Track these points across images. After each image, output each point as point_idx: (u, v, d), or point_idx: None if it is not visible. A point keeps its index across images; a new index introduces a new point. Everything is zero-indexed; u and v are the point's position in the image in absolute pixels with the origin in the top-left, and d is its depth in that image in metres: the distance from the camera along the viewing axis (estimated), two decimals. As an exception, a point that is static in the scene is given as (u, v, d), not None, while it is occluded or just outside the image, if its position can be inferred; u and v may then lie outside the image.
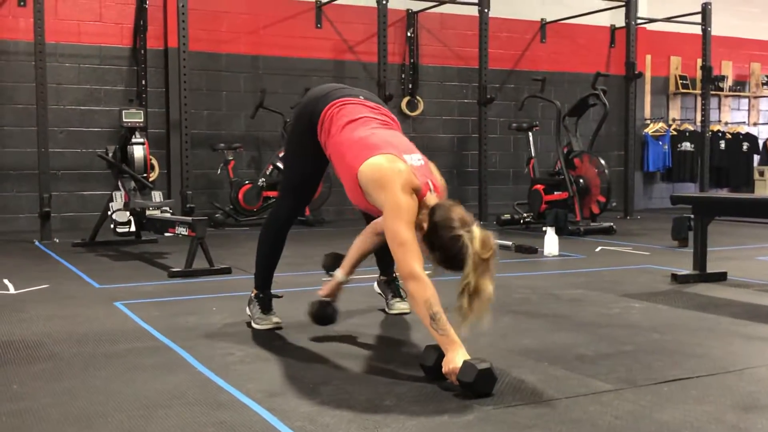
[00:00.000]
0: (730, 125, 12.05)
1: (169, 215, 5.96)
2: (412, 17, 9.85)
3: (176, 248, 6.14)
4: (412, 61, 9.85)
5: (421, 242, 2.67)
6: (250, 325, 3.44)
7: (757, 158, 12.17)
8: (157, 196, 6.25)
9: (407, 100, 9.85)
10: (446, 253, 2.59)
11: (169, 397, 2.44)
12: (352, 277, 3.31)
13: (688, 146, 11.39)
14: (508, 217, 8.18)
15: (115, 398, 2.43)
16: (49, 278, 4.86)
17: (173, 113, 8.35)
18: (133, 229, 6.19)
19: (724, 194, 10.04)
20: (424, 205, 2.69)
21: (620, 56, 10.44)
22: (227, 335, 3.30)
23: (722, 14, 10.96)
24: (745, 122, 12.34)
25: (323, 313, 3.23)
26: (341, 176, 2.93)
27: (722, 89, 11.93)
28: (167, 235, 5.68)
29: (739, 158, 11.87)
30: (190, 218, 5.39)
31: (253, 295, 3.47)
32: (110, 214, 6.25)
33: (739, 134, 11.91)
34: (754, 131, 12.29)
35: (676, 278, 4.67)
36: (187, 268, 4.95)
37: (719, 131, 11.74)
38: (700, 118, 11.19)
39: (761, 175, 12.02)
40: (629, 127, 10.05)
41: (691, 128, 11.50)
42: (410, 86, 9.87)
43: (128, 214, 6.15)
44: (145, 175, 6.37)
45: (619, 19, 10.53)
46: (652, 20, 10.69)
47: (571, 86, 10.58)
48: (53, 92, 7.95)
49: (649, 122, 11.36)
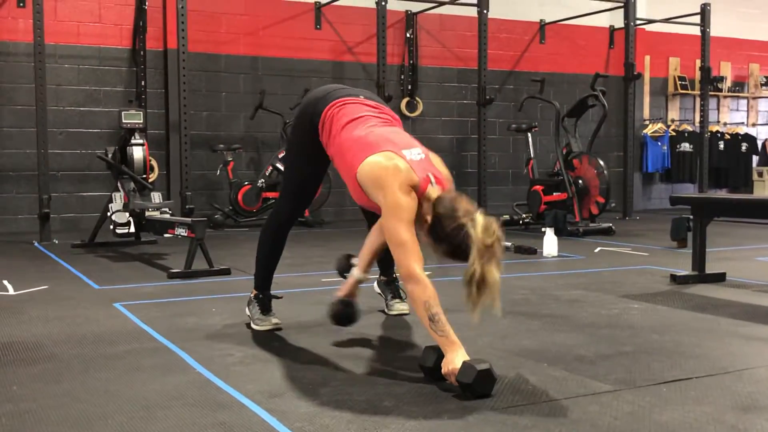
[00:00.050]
0: (728, 126, 12.05)
1: (168, 216, 5.96)
2: (411, 18, 9.85)
3: (176, 249, 6.14)
4: (411, 62, 9.85)
5: (426, 235, 2.66)
6: (249, 326, 3.44)
7: (755, 159, 12.19)
8: (156, 197, 6.25)
9: (406, 101, 9.86)
10: (451, 243, 2.58)
11: (168, 398, 2.44)
12: (368, 276, 3.27)
13: (687, 147, 11.40)
14: (507, 217, 8.17)
15: (114, 399, 2.43)
16: (48, 279, 4.86)
17: (173, 114, 8.35)
18: (132, 230, 6.19)
19: (723, 195, 10.03)
20: (425, 198, 2.67)
21: (619, 57, 10.46)
22: (227, 336, 3.30)
23: (721, 15, 10.96)
24: (743, 123, 12.35)
25: (345, 312, 3.19)
26: (343, 176, 2.93)
27: (721, 90, 11.95)
28: (167, 236, 5.68)
29: (737, 159, 11.88)
30: (189, 219, 5.39)
31: (252, 295, 3.47)
32: (110, 215, 6.26)
33: (737, 135, 11.91)
34: (752, 132, 12.30)
35: (675, 279, 4.67)
36: (186, 269, 4.95)
37: (718, 132, 11.74)
38: (698, 118, 11.21)
39: (760, 175, 12.03)
40: (628, 127, 10.07)
41: (690, 129, 11.51)
42: (409, 87, 9.87)
43: (128, 215, 6.16)
44: (144, 176, 6.38)
45: (618, 20, 10.53)
46: (650, 21, 10.70)
47: (570, 87, 10.60)
48: (53, 93, 7.96)
49: (648, 123, 11.36)
